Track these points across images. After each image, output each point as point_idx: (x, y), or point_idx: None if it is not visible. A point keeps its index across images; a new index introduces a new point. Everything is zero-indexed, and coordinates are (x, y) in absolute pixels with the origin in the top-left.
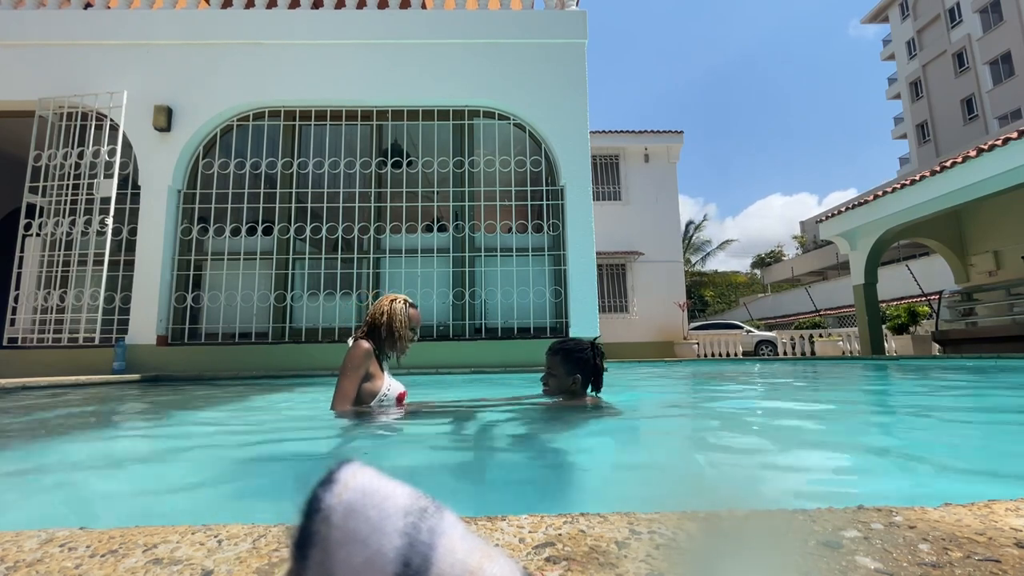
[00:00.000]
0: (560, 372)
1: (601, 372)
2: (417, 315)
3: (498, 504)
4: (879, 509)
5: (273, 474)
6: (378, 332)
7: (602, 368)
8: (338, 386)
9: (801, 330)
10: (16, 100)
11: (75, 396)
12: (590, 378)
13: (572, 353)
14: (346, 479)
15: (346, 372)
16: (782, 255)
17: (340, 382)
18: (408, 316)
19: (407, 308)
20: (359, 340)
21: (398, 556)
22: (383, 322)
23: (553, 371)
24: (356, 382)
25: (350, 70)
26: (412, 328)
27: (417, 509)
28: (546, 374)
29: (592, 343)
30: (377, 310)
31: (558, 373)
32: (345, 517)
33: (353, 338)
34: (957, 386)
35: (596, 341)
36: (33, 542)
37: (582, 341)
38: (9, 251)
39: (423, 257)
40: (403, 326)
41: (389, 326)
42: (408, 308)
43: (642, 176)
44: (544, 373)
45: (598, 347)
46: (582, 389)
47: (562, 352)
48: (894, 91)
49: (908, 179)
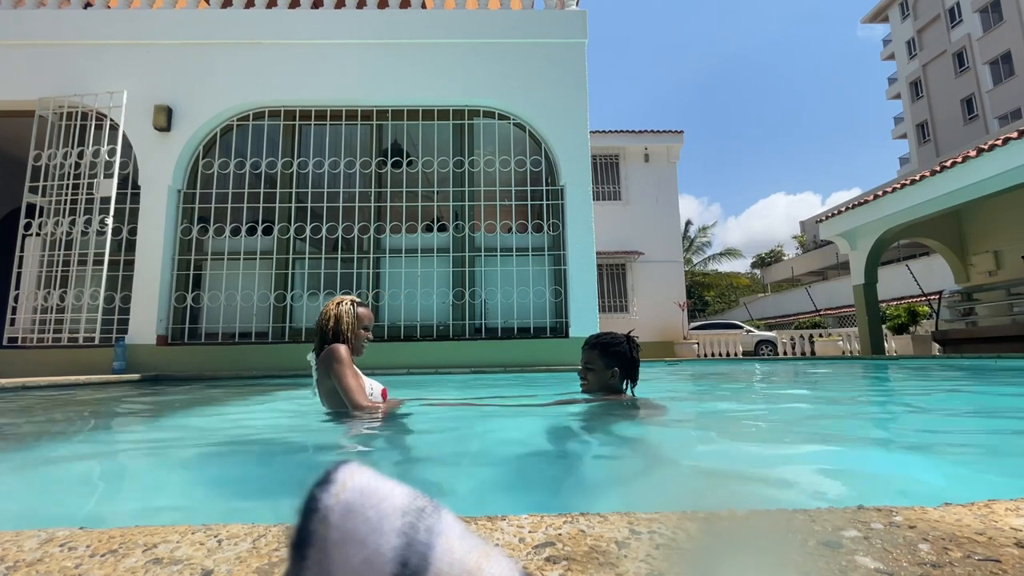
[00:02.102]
0: (599, 366)
1: (637, 365)
2: (367, 313)
3: (498, 504)
4: (879, 509)
5: (273, 474)
6: (328, 337)
7: (638, 361)
8: (345, 388)
9: (801, 330)
10: (16, 100)
11: (75, 396)
12: (628, 371)
13: (610, 347)
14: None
15: (341, 372)
16: (782, 255)
17: (344, 383)
18: (357, 315)
19: (355, 308)
20: (331, 346)
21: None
22: (331, 326)
23: (591, 365)
24: (355, 375)
25: (350, 70)
26: (365, 327)
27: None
28: (583, 368)
29: (628, 336)
30: (324, 317)
31: (596, 367)
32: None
33: (314, 353)
34: (957, 386)
35: (631, 334)
36: (33, 542)
37: (618, 335)
38: (9, 251)
39: (423, 257)
40: (351, 327)
41: (337, 328)
42: (356, 308)
43: (642, 176)
44: (581, 368)
45: (634, 340)
46: (620, 383)
47: (600, 346)
48: (894, 91)
49: (908, 179)
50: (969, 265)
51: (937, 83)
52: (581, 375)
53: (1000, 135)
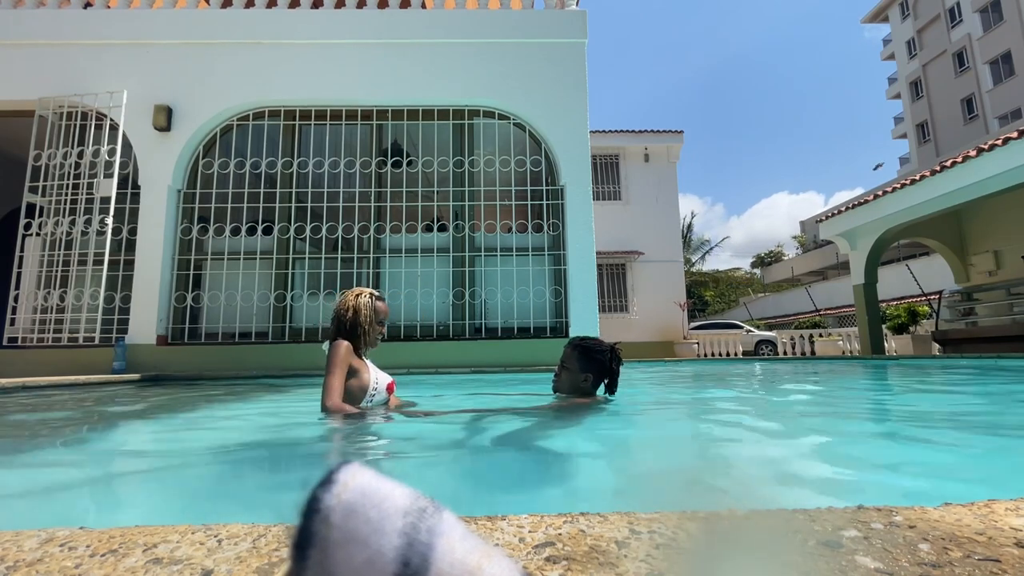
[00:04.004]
0: (574, 367)
1: (616, 376)
2: (385, 308)
3: (498, 504)
4: (879, 509)
5: (273, 474)
6: (345, 327)
7: (616, 372)
8: (325, 384)
9: (801, 330)
10: (16, 100)
11: (75, 396)
12: (602, 380)
13: (590, 351)
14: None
15: (330, 369)
16: (782, 255)
17: (326, 379)
18: (375, 309)
19: (374, 301)
20: (336, 341)
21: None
22: (348, 317)
23: (568, 364)
24: (341, 378)
25: (350, 70)
26: (380, 321)
27: (416, 509)
28: (560, 366)
29: (612, 347)
30: (343, 306)
31: (572, 367)
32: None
33: (328, 341)
34: (957, 386)
35: (616, 346)
36: (33, 542)
37: (603, 343)
38: (9, 251)
39: (423, 257)
40: (369, 320)
41: (355, 320)
42: (375, 301)
43: (642, 176)
44: (558, 365)
45: (617, 351)
46: (592, 389)
47: (581, 348)
48: (894, 91)
49: (908, 179)
50: (969, 265)
51: (937, 83)
52: (556, 372)
53: (1000, 135)
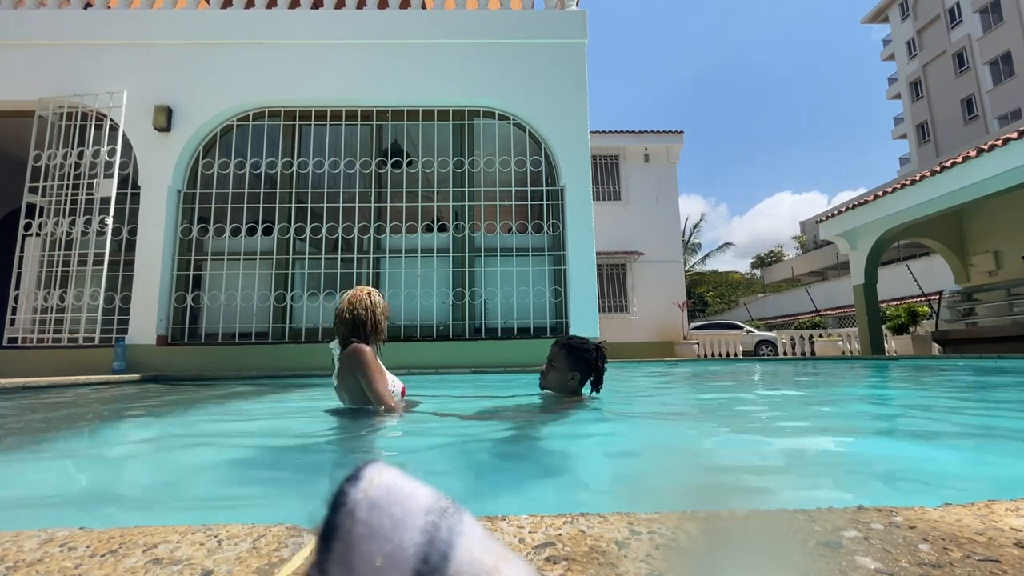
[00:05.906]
0: (561, 366)
1: (601, 374)
2: (386, 304)
3: (498, 504)
4: (879, 509)
5: (273, 474)
6: (365, 326)
7: (602, 370)
8: (377, 393)
9: (801, 330)
10: (16, 100)
11: (75, 396)
12: (588, 378)
13: (576, 350)
14: (371, 476)
15: (372, 377)
16: (782, 255)
17: (375, 388)
18: (385, 307)
19: (383, 299)
20: (357, 344)
21: (418, 552)
22: (368, 316)
23: (555, 363)
24: (385, 381)
25: (350, 70)
26: (387, 317)
27: (438, 509)
28: (547, 365)
29: (597, 345)
30: (359, 304)
31: (559, 367)
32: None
33: (339, 344)
34: (957, 386)
35: (602, 344)
36: (33, 542)
37: (589, 341)
38: (9, 251)
39: (423, 257)
40: (386, 316)
41: (374, 318)
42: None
43: (642, 176)
44: (545, 364)
45: (603, 350)
46: (579, 387)
47: (568, 347)
48: (894, 91)
49: (908, 179)
50: (969, 265)
51: (937, 83)
52: (543, 370)
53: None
